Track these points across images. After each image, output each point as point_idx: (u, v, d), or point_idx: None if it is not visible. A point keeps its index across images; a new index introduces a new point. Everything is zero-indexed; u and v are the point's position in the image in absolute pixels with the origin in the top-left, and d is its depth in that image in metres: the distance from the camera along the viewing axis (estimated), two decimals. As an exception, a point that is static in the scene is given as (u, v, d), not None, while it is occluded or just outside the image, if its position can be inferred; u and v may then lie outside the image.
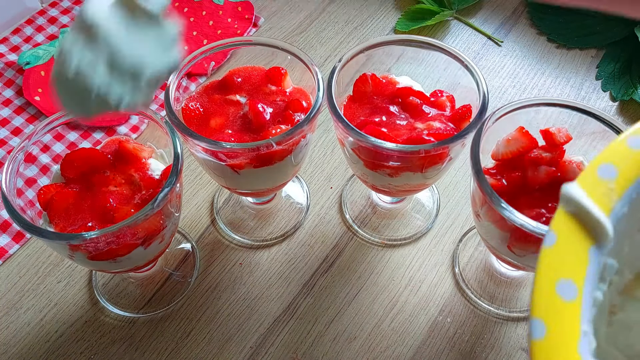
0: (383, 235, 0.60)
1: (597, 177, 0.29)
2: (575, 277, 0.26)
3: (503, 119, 0.47)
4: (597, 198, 0.28)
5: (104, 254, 0.44)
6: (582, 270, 0.26)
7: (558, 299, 0.25)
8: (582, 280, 0.26)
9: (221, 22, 0.79)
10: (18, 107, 0.69)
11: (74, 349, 0.53)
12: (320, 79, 0.50)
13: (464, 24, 0.80)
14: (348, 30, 0.79)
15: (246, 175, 0.49)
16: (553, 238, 0.27)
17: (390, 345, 0.53)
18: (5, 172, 0.45)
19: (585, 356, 0.24)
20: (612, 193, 0.28)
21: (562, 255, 0.27)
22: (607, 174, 0.29)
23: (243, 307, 0.56)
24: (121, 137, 0.58)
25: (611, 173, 0.29)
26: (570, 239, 0.27)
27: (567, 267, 0.26)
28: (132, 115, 0.64)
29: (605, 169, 0.29)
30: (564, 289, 0.26)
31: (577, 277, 0.26)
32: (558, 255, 0.27)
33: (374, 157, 0.48)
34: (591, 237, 0.27)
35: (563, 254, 0.27)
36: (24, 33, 0.77)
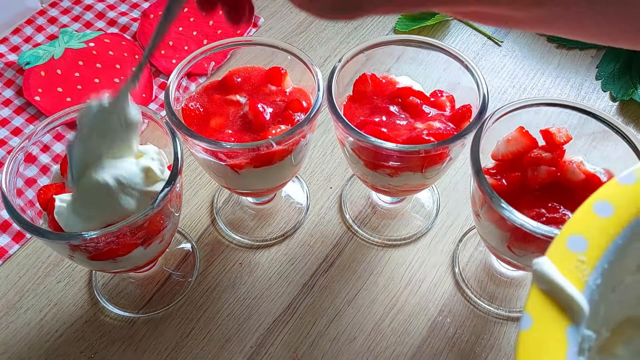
0: (383, 235, 0.60)
1: (567, 251, 0.28)
2: (555, 358, 0.26)
3: (503, 119, 0.47)
4: (570, 273, 0.27)
5: (104, 254, 0.44)
6: (562, 353, 0.26)
7: None
8: None
9: (221, 22, 0.79)
10: (18, 107, 0.69)
11: (74, 348, 0.53)
12: (320, 79, 0.50)
13: (464, 24, 0.80)
14: (348, 30, 0.79)
15: (246, 175, 0.49)
16: (529, 321, 0.27)
17: (390, 345, 0.53)
18: (5, 172, 0.45)
19: None
20: (584, 266, 0.28)
21: (539, 338, 0.26)
22: (577, 247, 0.28)
23: (243, 307, 0.56)
24: (121, 137, 0.58)
25: (581, 245, 0.28)
26: (547, 321, 0.27)
27: (546, 352, 0.26)
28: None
29: (574, 241, 0.28)
30: None
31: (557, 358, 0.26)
32: (536, 339, 0.26)
33: (374, 157, 0.48)
34: (567, 316, 0.27)
35: (541, 337, 0.26)
36: (24, 33, 0.77)
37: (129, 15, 0.79)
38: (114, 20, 0.79)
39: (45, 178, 0.49)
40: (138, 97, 0.71)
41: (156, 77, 0.74)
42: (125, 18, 0.79)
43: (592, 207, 0.29)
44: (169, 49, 0.76)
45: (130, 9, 0.81)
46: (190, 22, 0.79)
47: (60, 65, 0.72)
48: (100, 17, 0.79)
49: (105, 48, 0.74)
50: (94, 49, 0.74)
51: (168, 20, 0.37)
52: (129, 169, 0.44)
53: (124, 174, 0.43)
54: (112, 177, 0.43)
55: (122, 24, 0.78)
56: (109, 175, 0.43)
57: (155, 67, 0.74)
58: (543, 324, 0.26)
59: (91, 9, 0.80)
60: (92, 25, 0.78)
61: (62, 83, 0.71)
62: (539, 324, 0.27)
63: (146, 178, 0.45)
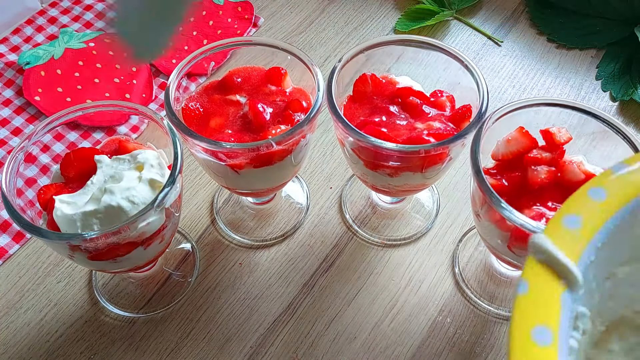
0: (383, 235, 0.60)
1: (562, 227, 0.30)
2: (550, 322, 0.27)
3: (503, 119, 0.47)
4: (565, 246, 0.29)
5: (104, 254, 0.44)
6: (556, 316, 0.27)
7: (534, 345, 0.26)
8: (556, 325, 0.27)
9: (221, 22, 0.79)
10: (18, 107, 0.69)
11: (74, 349, 0.53)
12: (320, 79, 0.50)
13: (464, 24, 0.80)
14: (348, 30, 0.79)
15: (246, 175, 0.49)
16: (525, 286, 0.28)
17: (390, 345, 0.53)
18: (5, 172, 0.45)
19: None
20: (578, 242, 0.29)
21: (535, 302, 0.27)
22: (571, 224, 0.30)
23: (243, 307, 0.56)
24: (121, 137, 0.58)
25: (576, 223, 0.30)
26: (542, 286, 0.28)
27: (541, 314, 0.27)
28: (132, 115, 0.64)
29: (569, 219, 0.30)
30: (539, 335, 0.26)
31: (552, 323, 0.27)
32: (531, 303, 0.27)
33: (374, 157, 0.48)
34: (562, 283, 0.28)
35: (536, 301, 0.27)
36: (24, 33, 0.77)
37: (129, 15, 0.79)
38: (114, 20, 0.78)
39: (45, 178, 0.49)
40: (138, 97, 0.71)
41: (156, 77, 0.74)
42: (125, 18, 0.79)
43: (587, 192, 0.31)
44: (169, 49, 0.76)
45: (130, 9, 0.81)
46: (190, 22, 0.79)
47: (60, 65, 0.72)
48: (101, 17, 0.79)
49: (105, 48, 0.74)
50: (94, 49, 0.74)
51: None
52: (138, 188, 0.45)
53: (134, 194, 0.44)
54: (125, 200, 0.44)
55: (122, 24, 0.78)
56: (121, 198, 0.43)
57: (155, 67, 0.74)
58: (539, 290, 0.28)
59: (91, 9, 0.80)
60: (92, 25, 0.78)
61: (62, 83, 0.71)
62: (534, 289, 0.28)
63: (153, 189, 0.45)
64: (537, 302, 0.27)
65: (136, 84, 0.72)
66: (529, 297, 0.27)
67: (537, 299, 0.27)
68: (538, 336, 0.26)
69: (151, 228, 0.44)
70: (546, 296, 0.27)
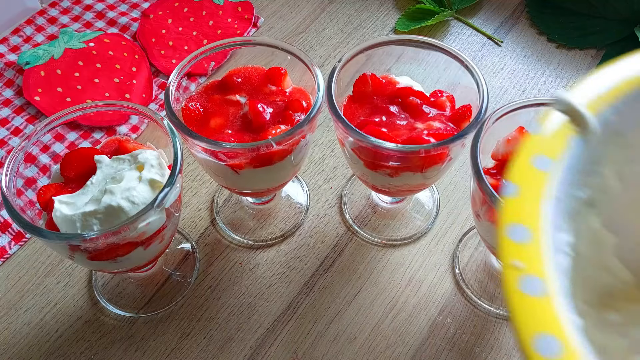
0: (383, 235, 0.60)
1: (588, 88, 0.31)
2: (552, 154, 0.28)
3: (503, 119, 0.47)
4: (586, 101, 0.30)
5: (103, 254, 0.44)
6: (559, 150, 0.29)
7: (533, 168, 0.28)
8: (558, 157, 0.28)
9: (221, 22, 0.79)
10: (18, 107, 0.69)
11: (74, 349, 0.53)
12: (320, 79, 0.50)
13: (464, 24, 0.80)
14: (348, 30, 0.79)
15: (246, 175, 0.49)
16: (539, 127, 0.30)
17: (390, 345, 0.53)
18: (5, 172, 0.45)
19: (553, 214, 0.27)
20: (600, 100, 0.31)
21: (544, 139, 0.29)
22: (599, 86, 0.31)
23: (243, 307, 0.56)
24: (121, 137, 0.58)
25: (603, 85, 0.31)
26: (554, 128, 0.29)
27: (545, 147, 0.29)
28: (132, 115, 0.65)
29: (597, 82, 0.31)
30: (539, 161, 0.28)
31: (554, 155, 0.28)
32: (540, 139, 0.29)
33: (374, 157, 0.48)
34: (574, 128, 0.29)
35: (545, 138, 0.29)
36: (24, 33, 0.77)
37: (129, 15, 0.79)
38: (114, 20, 0.79)
39: (45, 178, 0.49)
40: (138, 97, 0.71)
41: (156, 77, 0.74)
42: (125, 18, 0.79)
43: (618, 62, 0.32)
44: (169, 49, 0.76)
45: (130, 9, 0.81)
46: (190, 22, 0.79)
47: (60, 65, 0.72)
48: (100, 17, 0.79)
49: (105, 48, 0.74)
50: (94, 49, 0.74)
51: None
52: (138, 189, 0.45)
53: (134, 194, 0.44)
54: (125, 200, 0.43)
55: (122, 24, 0.78)
56: (121, 198, 0.43)
57: (155, 67, 0.74)
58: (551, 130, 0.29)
59: (91, 9, 0.80)
60: (92, 25, 0.78)
61: (62, 83, 0.71)
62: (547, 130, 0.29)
63: (153, 189, 0.45)
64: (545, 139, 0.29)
65: (136, 84, 0.72)
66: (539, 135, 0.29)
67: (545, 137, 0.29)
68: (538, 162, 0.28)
69: (151, 228, 0.44)
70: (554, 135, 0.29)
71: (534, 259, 0.25)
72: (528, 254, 0.25)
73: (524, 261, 0.25)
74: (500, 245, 0.26)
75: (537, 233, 0.26)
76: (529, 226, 0.26)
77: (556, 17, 0.79)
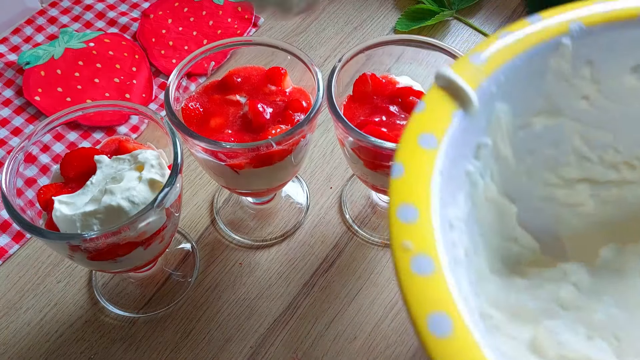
0: (383, 235, 0.60)
1: (467, 62, 0.32)
2: (436, 132, 0.29)
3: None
4: (465, 75, 0.31)
5: (103, 254, 0.44)
6: (443, 127, 0.29)
7: (417, 147, 0.29)
8: (442, 134, 0.29)
9: (221, 22, 0.79)
10: (18, 107, 0.69)
11: (74, 349, 0.53)
12: (320, 79, 0.50)
13: (464, 24, 0.80)
14: (348, 30, 0.79)
15: (246, 175, 0.49)
16: (422, 106, 0.30)
17: (390, 345, 0.53)
18: (5, 172, 0.45)
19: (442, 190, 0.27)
20: (479, 73, 0.32)
21: (427, 117, 0.30)
22: (476, 59, 0.32)
23: (243, 307, 0.56)
24: (121, 137, 0.58)
25: (480, 59, 0.32)
26: (437, 105, 0.30)
27: (430, 125, 0.30)
28: (132, 115, 0.65)
29: (475, 56, 0.32)
30: (424, 140, 0.29)
31: (438, 132, 0.29)
32: (424, 117, 0.30)
33: (374, 157, 0.48)
34: (456, 103, 0.30)
35: (429, 116, 0.30)
36: (24, 33, 0.77)
37: (129, 15, 0.79)
38: (114, 20, 0.79)
39: (45, 178, 0.49)
40: (138, 97, 0.71)
41: (156, 77, 0.74)
42: (125, 18, 0.79)
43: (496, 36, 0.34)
44: (169, 49, 0.76)
45: (130, 9, 0.81)
46: (190, 22, 0.79)
47: (60, 65, 0.72)
48: (100, 17, 0.79)
49: (105, 48, 0.74)
50: (94, 49, 0.74)
51: None
52: (138, 189, 0.45)
53: (134, 194, 0.44)
54: (125, 200, 0.43)
55: (122, 24, 0.78)
56: (121, 198, 0.43)
57: (155, 67, 0.74)
58: (433, 107, 0.30)
59: (91, 9, 0.80)
60: (92, 25, 0.78)
61: (62, 83, 0.71)
62: (429, 107, 0.31)
63: (153, 189, 0.45)
64: (429, 117, 0.30)
65: (136, 84, 0.72)
66: (423, 114, 0.30)
67: (429, 115, 0.30)
68: (423, 141, 0.29)
69: (151, 228, 0.44)
70: (438, 112, 0.30)
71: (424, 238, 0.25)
72: (417, 233, 0.25)
73: (413, 241, 0.25)
74: (390, 227, 0.26)
75: (425, 212, 0.26)
76: (417, 205, 0.26)
77: (556, 17, 0.79)
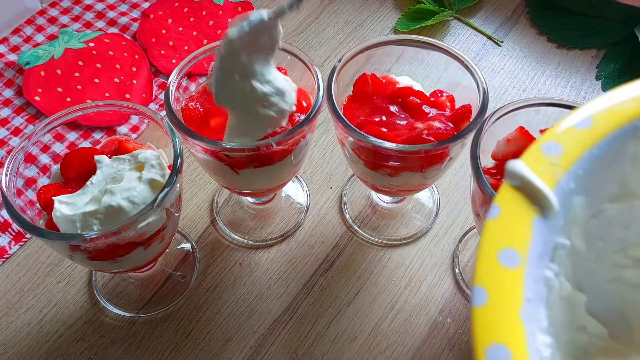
0: (383, 235, 0.60)
1: (541, 154, 0.28)
2: (518, 246, 0.26)
3: (503, 119, 0.47)
4: (542, 173, 0.27)
5: (103, 254, 0.44)
6: (525, 240, 0.26)
7: (499, 266, 0.25)
8: (525, 249, 0.26)
9: (221, 22, 0.79)
10: (18, 107, 0.69)
11: (74, 349, 0.53)
12: (320, 79, 0.49)
13: (464, 24, 0.80)
14: (348, 30, 0.79)
15: (246, 175, 0.49)
16: (496, 210, 0.27)
17: (390, 345, 0.53)
18: (5, 172, 0.45)
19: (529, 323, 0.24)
20: (556, 168, 0.28)
21: (505, 226, 0.26)
22: (551, 151, 0.28)
23: (243, 307, 0.56)
24: (121, 137, 0.58)
25: (555, 149, 0.28)
26: (514, 211, 0.27)
27: (509, 237, 0.26)
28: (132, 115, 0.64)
29: (549, 146, 0.29)
30: (506, 258, 0.25)
31: (520, 246, 0.26)
32: (501, 226, 0.26)
33: (374, 157, 0.48)
34: (535, 208, 0.27)
35: (506, 224, 0.26)
36: (24, 33, 0.77)
37: (129, 15, 0.79)
38: (114, 20, 0.79)
39: (45, 178, 0.49)
40: (138, 97, 0.71)
41: (156, 77, 0.74)
42: (125, 18, 0.79)
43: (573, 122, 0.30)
44: (169, 49, 0.76)
45: (130, 9, 0.81)
46: (190, 22, 0.79)
47: (60, 65, 0.72)
48: (100, 17, 0.79)
49: (105, 48, 0.74)
50: (94, 49, 0.74)
51: None
52: (138, 189, 0.44)
53: (135, 194, 0.44)
54: (125, 200, 0.43)
55: (122, 24, 0.78)
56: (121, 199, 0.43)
57: (155, 67, 0.74)
58: (510, 214, 0.27)
59: (91, 9, 0.80)
60: (92, 25, 0.78)
61: (62, 83, 0.71)
62: (505, 213, 0.27)
63: (153, 189, 0.45)
64: (507, 226, 0.26)
65: (136, 84, 0.72)
66: (499, 221, 0.26)
67: (507, 223, 0.26)
68: (504, 258, 0.25)
69: (151, 228, 0.44)
70: (517, 220, 0.26)
71: None
72: None
73: None
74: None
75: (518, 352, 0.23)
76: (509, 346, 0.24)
77: (556, 17, 0.79)
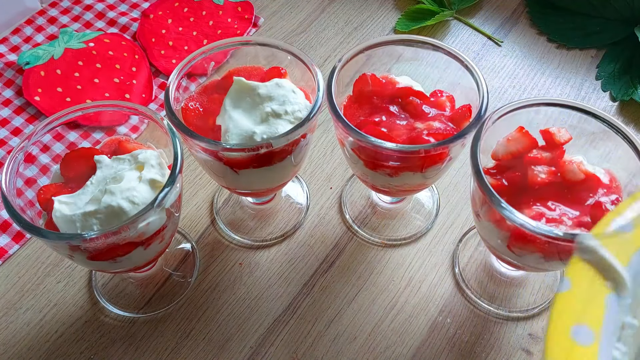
0: (383, 235, 0.60)
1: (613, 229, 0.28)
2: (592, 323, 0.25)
3: (503, 119, 0.47)
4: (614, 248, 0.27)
5: (103, 254, 0.44)
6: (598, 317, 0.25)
7: (574, 343, 0.25)
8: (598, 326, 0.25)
9: (221, 22, 0.79)
10: (18, 107, 0.69)
11: (74, 349, 0.53)
12: (320, 79, 0.49)
13: (464, 24, 0.80)
14: (348, 30, 0.79)
15: (246, 175, 0.49)
16: (568, 284, 0.26)
17: (390, 345, 0.53)
18: (5, 172, 0.45)
19: None
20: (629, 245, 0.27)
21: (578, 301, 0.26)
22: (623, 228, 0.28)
23: (243, 307, 0.56)
24: (121, 137, 0.58)
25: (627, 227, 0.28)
26: (586, 286, 0.26)
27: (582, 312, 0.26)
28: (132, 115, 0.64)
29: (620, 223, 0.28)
30: (580, 334, 0.25)
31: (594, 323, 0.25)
32: (573, 301, 0.26)
33: (374, 157, 0.48)
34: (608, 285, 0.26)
35: (578, 299, 0.26)
36: (23, 33, 0.77)
37: (129, 15, 0.79)
38: (114, 20, 0.79)
39: (45, 178, 0.49)
40: (138, 97, 0.71)
41: (156, 77, 0.74)
42: (125, 18, 0.79)
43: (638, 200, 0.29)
44: (169, 49, 0.76)
45: (130, 9, 0.81)
46: (190, 22, 0.79)
47: (60, 65, 0.72)
48: (100, 17, 0.79)
49: (105, 48, 0.74)
50: (93, 49, 0.74)
51: None
52: (138, 189, 0.45)
53: (135, 194, 0.44)
54: (125, 200, 0.43)
55: (122, 24, 0.78)
56: (121, 198, 0.43)
57: (155, 67, 0.74)
58: (582, 289, 0.26)
59: (91, 9, 0.80)
60: (92, 25, 0.78)
61: (62, 83, 0.71)
62: (577, 288, 0.26)
63: (153, 189, 0.45)
64: (580, 301, 0.26)
65: (136, 84, 0.72)
66: (571, 295, 0.26)
67: (580, 298, 0.26)
68: (578, 335, 0.25)
69: (151, 228, 0.44)
70: (590, 296, 0.26)
71: None
72: None
73: None
74: None
75: None
76: None
77: (556, 17, 0.79)
